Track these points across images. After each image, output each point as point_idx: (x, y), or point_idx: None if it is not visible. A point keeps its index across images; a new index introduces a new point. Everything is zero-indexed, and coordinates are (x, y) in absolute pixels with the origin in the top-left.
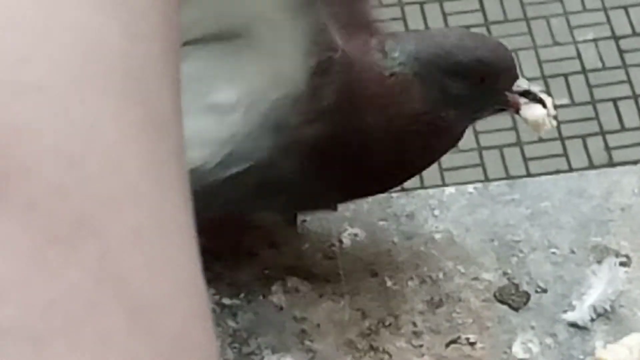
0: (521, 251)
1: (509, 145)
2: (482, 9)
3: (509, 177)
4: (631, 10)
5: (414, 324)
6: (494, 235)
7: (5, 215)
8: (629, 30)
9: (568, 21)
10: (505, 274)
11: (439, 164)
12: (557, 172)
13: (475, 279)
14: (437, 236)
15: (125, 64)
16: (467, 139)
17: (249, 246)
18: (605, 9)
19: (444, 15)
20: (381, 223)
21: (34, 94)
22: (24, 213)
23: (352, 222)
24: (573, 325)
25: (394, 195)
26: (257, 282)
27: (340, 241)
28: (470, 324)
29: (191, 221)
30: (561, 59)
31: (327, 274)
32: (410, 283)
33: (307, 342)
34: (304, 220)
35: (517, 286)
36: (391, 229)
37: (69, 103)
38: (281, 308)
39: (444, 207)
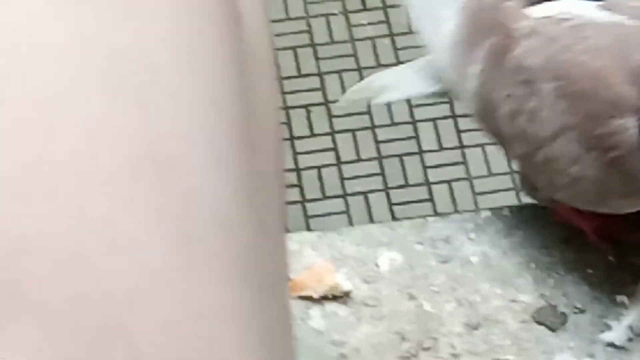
0: (558, 272)
1: None
2: None
3: None
4: None
5: (453, 347)
6: (530, 257)
7: (22, 326)
8: None
9: None
10: (542, 295)
11: (472, 188)
12: None
13: (513, 300)
14: (474, 259)
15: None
16: (499, 163)
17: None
18: None
19: None
20: (418, 247)
21: (44, 199)
22: (44, 322)
23: (389, 246)
24: (611, 345)
25: (429, 219)
26: (295, 306)
27: (378, 265)
28: (509, 345)
29: (239, 299)
30: None
31: (366, 298)
32: (447, 306)
33: None
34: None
35: (554, 307)
36: (428, 253)
37: (81, 203)
38: (320, 332)
39: (480, 230)
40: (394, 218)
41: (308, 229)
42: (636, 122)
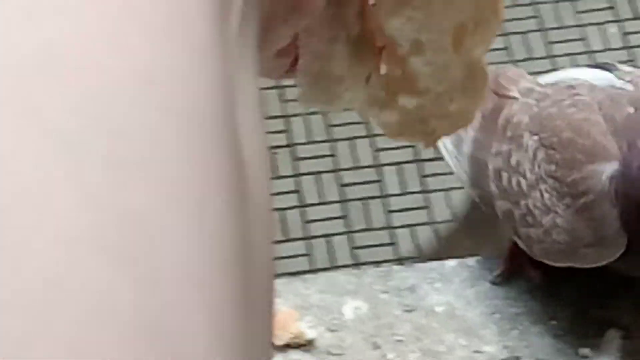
0: (522, 324)
1: None
2: None
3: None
4: None
5: None
6: (495, 308)
7: None
8: None
9: None
10: (506, 346)
11: (435, 232)
12: None
13: (477, 351)
14: (439, 309)
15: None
16: (462, 209)
17: None
18: None
19: None
20: (383, 296)
21: None
22: None
23: (354, 295)
24: None
25: (395, 268)
26: None
27: (342, 313)
28: None
29: None
30: None
31: (330, 346)
32: (412, 356)
33: None
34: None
35: (518, 359)
36: (393, 302)
37: None
38: None
39: (445, 280)
40: (356, 262)
41: None
42: (611, 169)
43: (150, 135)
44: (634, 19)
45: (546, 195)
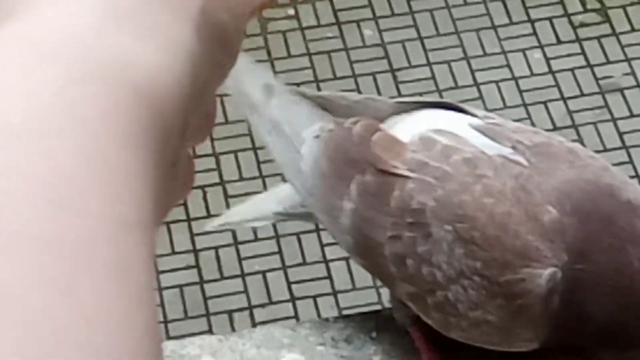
0: None
1: None
2: None
3: None
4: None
5: None
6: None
7: None
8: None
9: None
10: None
11: (374, 282)
12: None
13: None
14: (375, 359)
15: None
16: None
17: None
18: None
19: None
20: (319, 348)
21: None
22: None
23: (290, 347)
24: None
25: (330, 319)
26: None
27: None
28: None
29: None
30: None
31: None
32: None
33: None
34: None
35: None
36: (330, 354)
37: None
38: None
39: (382, 330)
40: (292, 296)
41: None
42: (548, 274)
43: None
44: (558, 43)
45: (472, 292)
